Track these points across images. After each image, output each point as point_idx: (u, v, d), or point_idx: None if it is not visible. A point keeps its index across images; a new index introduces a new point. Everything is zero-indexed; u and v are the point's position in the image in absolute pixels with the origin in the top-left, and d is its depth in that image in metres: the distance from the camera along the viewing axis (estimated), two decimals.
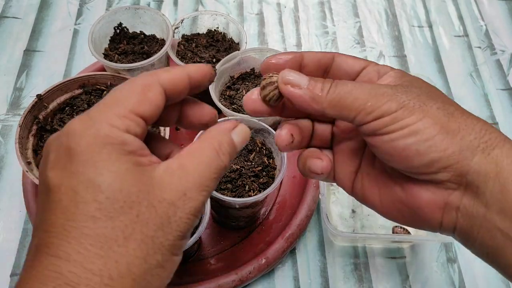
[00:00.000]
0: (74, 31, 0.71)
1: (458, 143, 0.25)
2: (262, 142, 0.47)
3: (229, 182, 0.45)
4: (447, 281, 0.52)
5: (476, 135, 0.25)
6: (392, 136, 0.25)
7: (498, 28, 0.75)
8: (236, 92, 0.51)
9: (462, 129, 0.25)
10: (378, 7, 0.77)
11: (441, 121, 0.25)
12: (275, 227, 0.53)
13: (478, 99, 0.68)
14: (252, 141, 0.47)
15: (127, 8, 0.55)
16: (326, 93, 0.26)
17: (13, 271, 0.50)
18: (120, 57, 0.54)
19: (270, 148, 0.47)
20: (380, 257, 0.53)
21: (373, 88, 0.26)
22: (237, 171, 0.45)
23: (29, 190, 0.52)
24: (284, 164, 0.43)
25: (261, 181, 0.45)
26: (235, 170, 0.45)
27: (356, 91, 0.26)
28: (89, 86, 0.51)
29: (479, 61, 0.72)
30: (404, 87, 0.27)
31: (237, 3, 0.76)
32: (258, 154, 0.46)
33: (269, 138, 0.46)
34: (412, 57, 0.71)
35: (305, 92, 0.27)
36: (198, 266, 0.50)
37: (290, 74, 0.27)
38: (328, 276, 0.52)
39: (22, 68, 0.66)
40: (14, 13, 0.72)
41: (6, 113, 0.62)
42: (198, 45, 0.56)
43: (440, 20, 0.76)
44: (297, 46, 0.72)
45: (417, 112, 0.25)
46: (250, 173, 0.45)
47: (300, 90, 0.27)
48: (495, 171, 0.24)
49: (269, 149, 0.47)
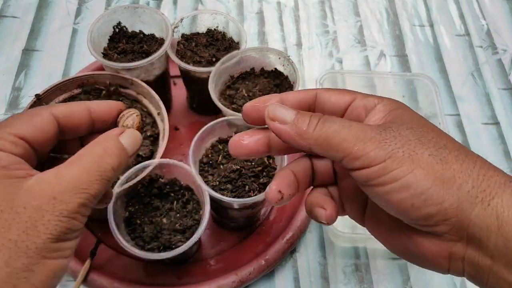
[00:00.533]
0: (73, 30, 0.71)
1: (456, 194, 0.24)
2: None
3: (229, 182, 0.45)
4: (448, 282, 0.52)
5: (473, 183, 0.24)
6: (385, 189, 0.24)
7: (500, 27, 0.75)
8: (236, 92, 0.50)
9: (458, 177, 0.24)
10: (379, 6, 0.77)
11: (435, 170, 0.24)
12: (275, 228, 0.53)
13: (479, 99, 0.67)
14: None
15: (126, 7, 0.55)
16: (313, 130, 0.25)
17: None
18: (119, 56, 0.54)
19: None
20: (381, 258, 0.53)
21: (361, 131, 0.25)
22: (237, 171, 0.45)
23: None
24: (284, 165, 0.42)
25: (261, 181, 0.45)
26: (235, 170, 0.45)
27: (344, 132, 0.25)
28: (88, 86, 0.51)
29: (481, 60, 0.71)
30: (394, 130, 0.25)
31: (237, 2, 0.76)
32: None
33: None
34: (413, 56, 0.71)
35: (291, 127, 0.26)
36: (198, 267, 0.50)
37: (276, 108, 0.26)
38: (328, 277, 0.51)
39: (21, 68, 0.66)
40: (12, 12, 0.72)
41: (5, 113, 0.62)
42: (198, 44, 0.56)
43: (442, 19, 0.76)
44: (297, 45, 0.71)
45: (407, 162, 0.24)
46: (250, 173, 0.45)
47: (286, 125, 0.26)
48: (497, 224, 0.23)
49: None
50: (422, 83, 0.58)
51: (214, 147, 0.47)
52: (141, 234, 0.42)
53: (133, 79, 0.50)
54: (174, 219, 0.44)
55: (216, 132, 0.47)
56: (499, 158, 0.62)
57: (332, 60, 0.70)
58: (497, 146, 0.63)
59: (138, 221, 0.43)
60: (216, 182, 0.44)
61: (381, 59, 0.71)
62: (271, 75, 0.52)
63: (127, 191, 0.44)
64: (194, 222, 0.43)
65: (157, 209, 0.44)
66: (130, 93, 0.51)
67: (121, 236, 0.40)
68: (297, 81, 0.48)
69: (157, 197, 0.45)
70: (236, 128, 0.47)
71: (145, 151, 0.47)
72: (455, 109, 0.66)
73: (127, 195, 0.44)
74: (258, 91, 0.50)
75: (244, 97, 0.49)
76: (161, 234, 0.42)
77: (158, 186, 0.45)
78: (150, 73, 0.53)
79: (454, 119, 0.65)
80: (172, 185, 0.45)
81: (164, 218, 0.44)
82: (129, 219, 0.44)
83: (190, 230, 0.43)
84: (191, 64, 0.53)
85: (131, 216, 0.44)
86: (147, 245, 0.42)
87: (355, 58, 0.70)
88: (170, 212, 0.44)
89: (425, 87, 0.58)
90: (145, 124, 0.49)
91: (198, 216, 0.44)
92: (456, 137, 0.63)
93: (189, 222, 0.43)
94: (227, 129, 0.47)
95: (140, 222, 0.43)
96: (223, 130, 0.47)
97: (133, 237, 0.43)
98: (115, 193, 0.41)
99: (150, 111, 0.50)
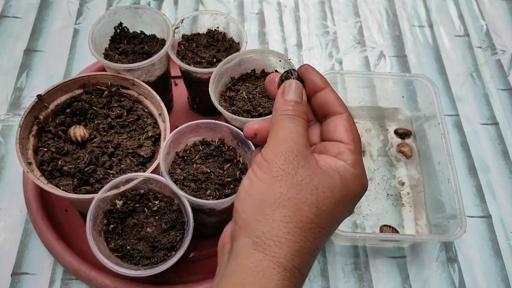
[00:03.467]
0: (74, 30, 0.71)
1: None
2: (241, 155, 0.46)
3: (194, 181, 0.44)
4: (447, 280, 0.52)
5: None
6: None
7: (499, 28, 0.75)
8: (236, 93, 0.51)
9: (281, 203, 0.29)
10: (379, 6, 0.77)
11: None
12: None
13: (478, 99, 0.68)
14: (234, 152, 0.46)
15: (127, 7, 0.55)
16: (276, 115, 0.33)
17: (14, 271, 0.51)
18: (120, 57, 0.54)
19: (246, 164, 0.46)
20: (381, 256, 0.53)
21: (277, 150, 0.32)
22: (206, 174, 0.44)
23: (30, 190, 0.52)
24: None
25: (225, 191, 0.44)
26: (205, 172, 0.44)
27: (267, 152, 0.32)
28: (90, 86, 0.51)
29: (480, 61, 0.71)
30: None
31: (238, 2, 0.76)
32: (234, 166, 0.46)
33: (248, 154, 0.45)
34: (413, 57, 0.71)
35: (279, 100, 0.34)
36: (199, 265, 0.50)
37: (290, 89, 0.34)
38: (328, 275, 0.52)
39: (22, 68, 0.66)
40: (14, 13, 0.72)
41: (6, 113, 0.62)
42: (199, 45, 0.56)
43: (441, 20, 0.76)
44: (298, 45, 0.72)
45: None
46: (218, 181, 0.44)
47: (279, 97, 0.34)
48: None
49: (245, 164, 0.46)
50: (421, 83, 0.59)
51: (195, 146, 0.47)
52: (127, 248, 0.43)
53: (134, 80, 0.50)
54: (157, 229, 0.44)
55: (201, 132, 0.47)
56: (498, 158, 0.62)
57: (332, 60, 0.71)
58: (496, 146, 0.63)
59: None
60: (181, 177, 0.44)
61: (381, 60, 0.71)
62: None
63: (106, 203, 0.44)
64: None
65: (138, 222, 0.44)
66: (132, 93, 0.51)
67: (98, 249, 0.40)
68: None
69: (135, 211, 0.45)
70: (220, 134, 0.47)
71: (147, 152, 0.47)
72: (454, 110, 0.66)
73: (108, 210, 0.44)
74: (258, 93, 0.50)
75: (244, 99, 0.50)
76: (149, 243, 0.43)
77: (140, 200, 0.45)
78: (151, 73, 0.54)
79: (453, 119, 0.65)
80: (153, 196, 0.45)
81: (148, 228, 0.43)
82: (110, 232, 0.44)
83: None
84: (191, 65, 0.53)
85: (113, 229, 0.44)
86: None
87: (355, 59, 0.71)
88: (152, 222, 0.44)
89: (424, 88, 0.59)
90: (146, 125, 0.50)
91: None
92: (455, 137, 0.63)
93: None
94: (212, 133, 0.47)
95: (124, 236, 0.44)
96: (208, 132, 0.47)
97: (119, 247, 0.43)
98: (96, 198, 0.41)
99: (151, 112, 0.51)
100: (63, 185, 0.44)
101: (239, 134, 0.45)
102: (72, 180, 0.45)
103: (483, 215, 0.57)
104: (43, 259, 0.51)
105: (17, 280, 0.50)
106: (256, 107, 0.49)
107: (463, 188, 0.59)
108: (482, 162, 0.61)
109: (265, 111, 0.48)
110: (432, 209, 0.55)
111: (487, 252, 0.55)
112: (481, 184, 0.60)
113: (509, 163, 0.62)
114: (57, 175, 0.45)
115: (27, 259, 0.51)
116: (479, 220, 0.57)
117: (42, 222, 0.50)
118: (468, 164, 0.61)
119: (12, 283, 0.50)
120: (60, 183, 0.45)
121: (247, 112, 0.49)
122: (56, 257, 0.49)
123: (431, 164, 0.57)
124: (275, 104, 0.34)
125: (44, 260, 0.51)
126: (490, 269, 0.53)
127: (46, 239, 0.50)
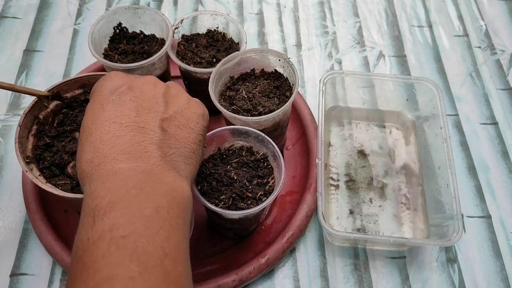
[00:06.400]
0: (73, 31, 0.71)
1: None
2: (274, 178, 0.45)
3: (216, 180, 0.44)
4: (447, 281, 0.52)
5: None
6: None
7: (498, 28, 0.75)
8: (236, 93, 0.51)
9: None
10: (378, 7, 0.77)
11: None
12: (275, 227, 0.53)
13: (478, 99, 0.68)
14: (270, 172, 0.45)
15: (126, 8, 0.55)
16: None
17: (13, 271, 0.50)
18: (120, 57, 0.54)
19: (273, 187, 0.45)
20: (380, 257, 0.53)
21: None
22: (231, 180, 0.44)
23: (29, 190, 0.52)
24: (278, 189, 0.42)
25: (239, 205, 0.43)
26: (231, 177, 0.44)
27: None
28: (90, 86, 0.51)
29: (479, 61, 0.72)
30: None
31: (237, 3, 0.76)
32: (262, 185, 0.45)
33: (278, 179, 0.44)
34: (412, 57, 0.71)
35: None
36: (198, 266, 0.50)
37: None
38: (328, 276, 0.52)
39: (22, 68, 0.66)
40: (13, 13, 0.72)
41: (6, 113, 0.62)
42: (198, 45, 0.56)
43: (440, 20, 0.76)
44: (297, 46, 0.72)
45: None
46: (238, 191, 0.43)
47: None
48: None
49: (272, 188, 0.45)
50: (425, 87, 0.58)
51: (241, 150, 0.46)
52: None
53: None
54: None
55: (250, 140, 0.47)
56: (497, 158, 0.62)
57: (332, 60, 0.71)
58: (496, 146, 0.63)
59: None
60: (208, 172, 0.44)
61: (380, 60, 0.71)
62: (271, 76, 0.53)
63: None
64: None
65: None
66: None
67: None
68: (296, 83, 0.49)
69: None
70: (266, 149, 0.46)
71: None
72: (453, 110, 0.66)
73: None
74: (258, 92, 0.50)
75: (244, 98, 0.50)
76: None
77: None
78: (151, 73, 0.54)
79: (453, 119, 0.65)
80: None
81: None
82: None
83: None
84: (191, 65, 0.53)
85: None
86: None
87: (354, 59, 0.71)
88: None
89: (429, 91, 0.58)
90: None
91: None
92: (454, 137, 0.63)
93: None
94: (259, 144, 0.46)
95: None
96: (256, 143, 0.46)
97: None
98: None
99: None
100: (62, 184, 0.44)
101: (279, 157, 0.44)
102: (71, 180, 0.45)
103: (483, 215, 0.57)
104: (42, 259, 0.51)
105: (15, 280, 0.50)
106: (256, 106, 0.49)
107: (463, 188, 0.59)
108: (482, 162, 0.61)
109: (265, 110, 0.48)
110: (431, 210, 0.55)
111: (487, 252, 0.55)
112: (480, 184, 0.60)
113: (508, 163, 0.61)
114: (56, 174, 0.45)
115: (26, 260, 0.51)
116: (479, 220, 0.57)
117: (41, 222, 0.50)
118: (468, 164, 0.61)
119: (11, 284, 0.50)
120: (58, 183, 0.45)
121: (247, 111, 0.49)
122: (55, 257, 0.49)
123: (431, 167, 0.57)
124: None
125: (43, 261, 0.51)
126: (490, 270, 0.53)
127: (45, 239, 0.50)
